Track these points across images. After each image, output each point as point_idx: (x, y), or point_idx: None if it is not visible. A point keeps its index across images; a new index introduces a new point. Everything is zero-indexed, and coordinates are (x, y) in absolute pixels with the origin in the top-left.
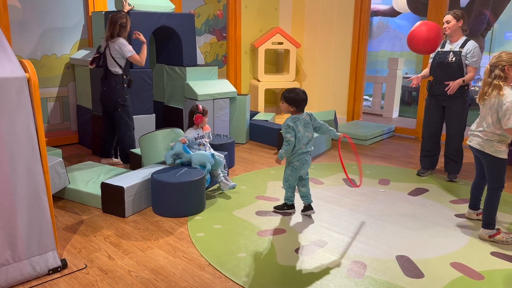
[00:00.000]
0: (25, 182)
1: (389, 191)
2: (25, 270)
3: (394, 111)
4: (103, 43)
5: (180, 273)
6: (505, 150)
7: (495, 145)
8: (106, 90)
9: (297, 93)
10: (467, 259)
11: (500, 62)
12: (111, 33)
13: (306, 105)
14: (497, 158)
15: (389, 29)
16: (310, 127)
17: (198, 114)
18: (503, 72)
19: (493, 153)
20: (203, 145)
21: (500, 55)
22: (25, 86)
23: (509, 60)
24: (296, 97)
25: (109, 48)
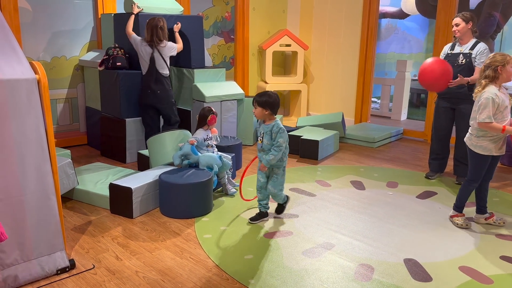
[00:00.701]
0: (34, 182)
1: (397, 194)
2: (34, 270)
3: (402, 114)
4: (146, 48)
5: (187, 274)
6: (484, 146)
7: (472, 138)
8: (160, 93)
9: (269, 95)
10: (476, 263)
11: (493, 63)
12: (159, 37)
13: (276, 110)
14: (472, 151)
15: (397, 31)
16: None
17: (212, 115)
18: (495, 72)
19: (470, 146)
20: (211, 147)
21: (494, 55)
22: (35, 87)
23: (502, 60)
24: (269, 100)
25: (159, 52)
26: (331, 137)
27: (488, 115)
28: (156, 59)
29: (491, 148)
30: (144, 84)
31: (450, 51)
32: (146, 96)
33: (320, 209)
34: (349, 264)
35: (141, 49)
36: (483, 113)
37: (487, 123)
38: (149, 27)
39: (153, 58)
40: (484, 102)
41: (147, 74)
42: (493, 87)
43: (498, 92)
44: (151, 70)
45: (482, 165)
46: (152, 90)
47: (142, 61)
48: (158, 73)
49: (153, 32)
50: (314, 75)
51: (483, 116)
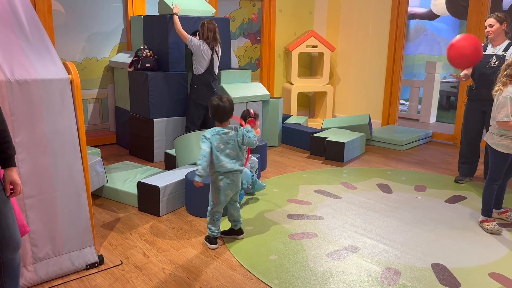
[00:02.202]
0: (66, 179)
1: (425, 198)
2: (64, 264)
3: (431, 116)
4: (207, 49)
5: (212, 272)
6: (506, 145)
7: (494, 137)
8: (216, 90)
9: (218, 100)
10: (507, 269)
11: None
12: (219, 40)
13: (228, 117)
14: (495, 150)
15: (427, 32)
16: (235, 144)
17: (250, 119)
18: None
19: (492, 144)
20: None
21: None
22: (68, 87)
23: None
24: (214, 106)
25: (216, 53)
26: (357, 139)
27: (507, 113)
28: (214, 60)
29: (509, 145)
30: (201, 83)
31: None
32: (204, 95)
33: (345, 211)
34: (375, 268)
35: (203, 49)
36: (501, 112)
37: (505, 122)
38: (210, 30)
39: (212, 59)
40: (502, 101)
41: (205, 73)
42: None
43: None
44: (210, 69)
45: (504, 164)
46: (210, 89)
47: (200, 61)
48: (214, 72)
49: (214, 34)
50: (341, 77)
51: (501, 115)
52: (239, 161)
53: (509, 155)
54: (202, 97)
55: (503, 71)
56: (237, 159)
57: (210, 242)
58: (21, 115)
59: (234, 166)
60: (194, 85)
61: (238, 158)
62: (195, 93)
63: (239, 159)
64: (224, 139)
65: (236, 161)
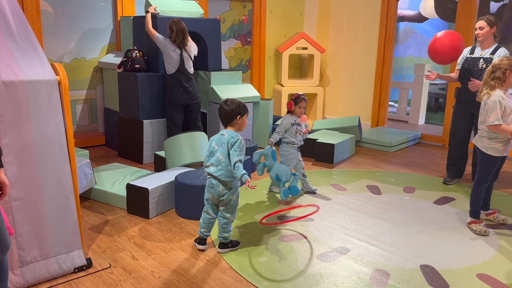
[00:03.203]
0: (54, 181)
1: (414, 199)
2: (51, 267)
3: (420, 118)
4: (175, 48)
5: (202, 275)
6: (496, 148)
7: (484, 141)
8: (191, 89)
9: (222, 103)
10: (495, 270)
11: (503, 66)
12: (188, 39)
13: (227, 121)
14: (484, 153)
15: (416, 35)
16: (226, 148)
17: (289, 101)
18: (504, 75)
19: (482, 148)
20: (300, 134)
21: (501, 59)
22: (56, 88)
23: (510, 65)
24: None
25: (187, 52)
26: (347, 140)
27: (497, 117)
28: (185, 59)
29: (502, 149)
30: (173, 82)
31: (469, 55)
32: (178, 94)
33: (335, 213)
34: (364, 269)
35: (170, 48)
36: (492, 116)
37: (496, 126)
38: (177, 31)
39: (182, 59)
40: (491, 105)
41: (177, 72)
42: (499, 90)
43: (503, 95)
44: (181, 69)
45: (493, 166)
46: (184, 88)
47: (170, 61)
48: (187, 71)
49: (183, 34)
50: (331, 78)
51: (492, 118)
52: (225, 170)
53: (498, 158)
54: (176, 97)
55: (490, 74)
56: (223, 167)
57: (198, 242)
58: (8, 116)
59: (215, 171)
60: (168, 85)
61: (225, 167)
62: (169, 94)
63: (225, 169)
64: (221, 140)
65: (222, 169)
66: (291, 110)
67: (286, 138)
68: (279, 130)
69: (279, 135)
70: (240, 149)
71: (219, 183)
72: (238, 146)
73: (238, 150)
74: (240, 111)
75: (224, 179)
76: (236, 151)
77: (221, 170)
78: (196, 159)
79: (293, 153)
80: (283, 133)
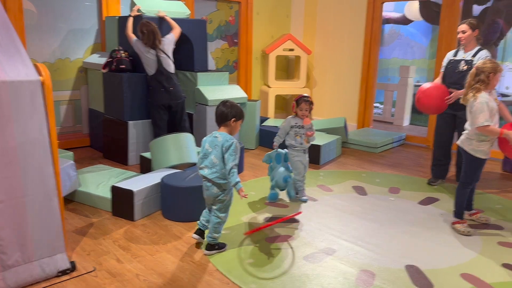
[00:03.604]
0: (37, 184)
1: (399, 200)
2: (34, 271)
3: (405, 119)
4: (150, 50)
5: (188, 278)
6: (484, 151)
7: (473, 143)
8: (173, 89)
9: (220, 104)
10: (478, 270)
11: (486, 69)
12: (160, 41)
13: (220, 121)
14: (472, 156)
15: (401, 37)
16: (219, 150)
17: (293, 102)
18: (487, 78)
19: (471, 151)
20: (300, 136)
21: (485, 62)
22: (39, 89)
23: (494, 68)
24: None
25: (163, 51)
26: (334, 142)
27: (486, 118)
28: (162, 59)
29: (488, 152)
30: (154, 84)
31: (453, 57)
32: (159, 95)
33: (321, 214)
34: (350, 270)
35: (145, 51)
36: (480, 117)
37: (485, 127)
38: (148, 33)
39: (159, 59)
40: (479, 107)
41: (156, 73)
42: (484, 92)
43: (489, 96)
44: (160, 69)
45: (480, 169)
46: (165, 88)
47: (148, 62)
48: (167, 71)
49: (154, 36)
50: (317, 80)
51: (481, 120)
52: (219, 173)
53: (485, 160)
54: (158, 98)
55: (474, 77)
56: (218, 170)
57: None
58: None
59: (209, 174)
60: (149, 87)
61: (219, 170)
62: (151, 95)
63: (220, 172)
64: (214, 142)
65: (216, 172)
66: (294, 111)
67: (287, 140)
68: (279, 133)
69: (280, 138)
70: (235, 153)
71: (214, 185)
72: (234, 151)
73: (233, 154)
74: (236, 115)
75: (218, 182)
76: (231, 155)
77: (215, 172)
78: (183, 161)
79: (296, 155)
80: (284, 135)
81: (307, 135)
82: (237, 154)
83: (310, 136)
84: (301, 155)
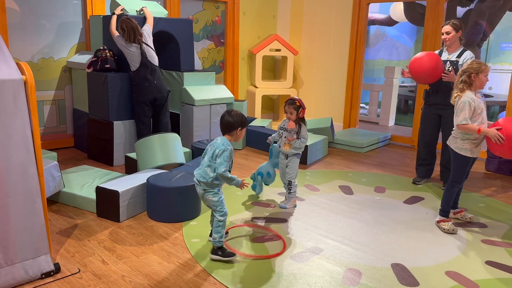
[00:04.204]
0: (20, 184)
1: (384, 199)
2: (17, 274)
3: (390, 119)
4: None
5: (174, 278)
6: (468, 149)
7: (458, 141)
8: (157, 83)
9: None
10: (462, 268)
11: (469, 69)
12: (141, 35)
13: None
14: (458, 154)
15: (386, 38)
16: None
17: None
18: (469, 79)
19: (455, 148)
20: (282, 139)
21: (471, 62)
22: (22, 88)
23: (477, 69)
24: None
25: (146, 44)
26: (320, 142)
27: (465, 117)
28: (146, 52)
29: (474, 150)
30: (138, 78)
31: None
32: (144, 90)
33: (308, 213)
34: (337, 269)
35: (127, 47)
36: (460, 116)
37: (463, 125)
38: (128, 30)
39: (143, 52)
40: (461, 106)
41: (140, 67)
42: (469, 92)
43: (474, 96)
44: (145, 62)
45: (466, 166)
46: (149, 82)
47: (131, 57)
48: (152, 64)
49: (135, 33)
50: (304, 80)
51: (460, 118)
52: (202, 171)
53: (470, 159)
54: (142, 93)
55: (459, 77)
56: (202, 167)
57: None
58: None
59: (196, 170)
60: (133, 82)
61: (203, 168)
62: (135, 91)
63: (203, 169)
64: (213, 143)
65: (200, 169)
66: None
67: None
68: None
69: (276, 135)
70: (229, 159)
71: (198, 183)
72: (228, 157)
73: (227, 161)
74: (241, 124)
75: (199, 179)
76: (225, 161)
77: (199, 169)
78: (169, 161)
79: (281, 158)
80: (277, 135)
81: (287, 139)
82: (230, 160)
83: (291, 141)
84: (282, 158)
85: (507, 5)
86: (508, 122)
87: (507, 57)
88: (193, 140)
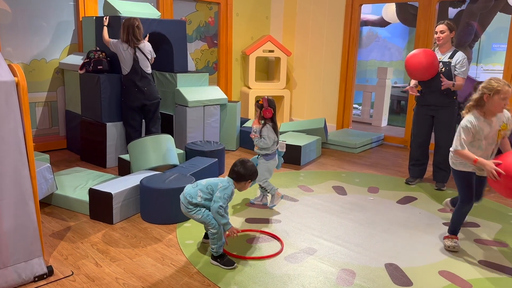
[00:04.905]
0: (12, 187)
1: (378, 199)
2: (10, 277)
3: (383, 120)
4: (127, 48)
5: (168, 280)
6: (463, 163)
7: (453, 157)
8: (147, 90)
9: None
10: (455, 267)
11: (483, 88)
12: (136, 36)
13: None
14: (455, 170)
15: (378, 39)
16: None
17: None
18: (480, 99)
19: (452, 165)
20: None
21: (490, 80)
22: (14, 90)
23: (492, 88)
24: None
25: (140, 50)
26: (314, 142)
27: (460, 142)
28: (139, 59)
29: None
30: (128, 83)
31: None
32: (133, 96)
33: (302, 214)
34: (331, 269)
35: (122, 49)
36: (456, 140)
37: (457, 151)
38: (125, 27)
39: (136, 58)
40: (459, 129)
41: (131, 73)
42: (475, 113)
43: (474, 120)
44: (136, 68)
45: (468, 183)
46: (139, 88)
47: (123, 61)
48: (143, 71)
49: (129, 31)
50: (297, 81)
51: (456, 143)
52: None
53: (470, 174)
54: (131, 98)
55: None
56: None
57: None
58: None
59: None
60: (123, 86)
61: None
62: (125, 95)
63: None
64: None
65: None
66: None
67: None
68: None
69: None
70: (229, 198)
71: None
72: (229, 196)
73: (226, 198)
74: (252, 177)
75: (186, 197)
76: (225, 199)
77: (192, 188)
78: (162, 162)
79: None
80: None
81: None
82: (229, 201)
83: (253, 138)
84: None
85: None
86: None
87: (499, 57)
88: (186, 141)
